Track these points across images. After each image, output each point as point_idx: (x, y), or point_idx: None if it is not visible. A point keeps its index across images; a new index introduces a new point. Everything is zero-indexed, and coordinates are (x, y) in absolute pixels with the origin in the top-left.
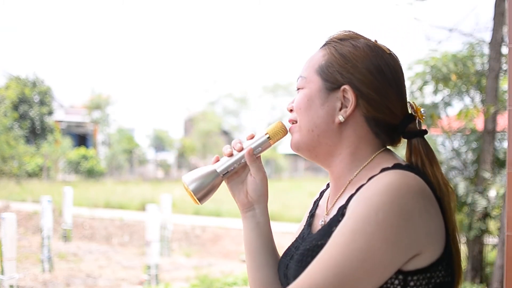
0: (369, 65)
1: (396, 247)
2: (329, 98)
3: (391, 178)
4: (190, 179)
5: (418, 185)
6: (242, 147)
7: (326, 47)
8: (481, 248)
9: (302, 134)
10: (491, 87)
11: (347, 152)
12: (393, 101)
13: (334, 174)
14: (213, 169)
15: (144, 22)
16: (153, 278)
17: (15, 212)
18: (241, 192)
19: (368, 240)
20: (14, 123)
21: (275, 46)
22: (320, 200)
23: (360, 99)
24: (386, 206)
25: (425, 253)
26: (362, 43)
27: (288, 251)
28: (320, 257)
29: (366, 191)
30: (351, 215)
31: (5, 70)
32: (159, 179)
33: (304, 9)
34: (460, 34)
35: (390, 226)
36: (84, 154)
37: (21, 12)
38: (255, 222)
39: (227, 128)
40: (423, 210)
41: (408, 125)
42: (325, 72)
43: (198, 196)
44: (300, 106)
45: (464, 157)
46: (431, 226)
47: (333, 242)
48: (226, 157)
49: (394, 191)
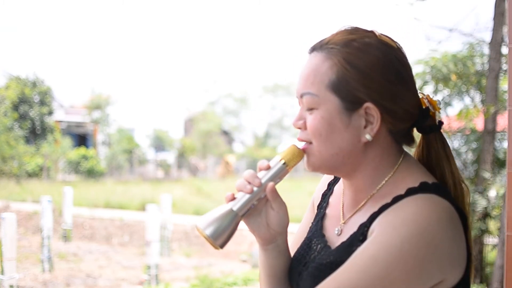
0: (385, 72)
1: (417, 278)
2: (352, 118)
3: (418, 207)
4: (205, 223)
5: (447, 214)
6: (261, 182)
7: (330, 56)
8: (481, 248)
9: (323, 158)
10: (491, 87)
11: (372, 167)
12: (410, 102)
13: (353, 187)
14: (229, 209)
15: (144, 22)
16: (153, 278)
17: (15, 212)
18: (261, 226)
19: (389, 268)
20: (14, 123)
21: (275, 46)
22: (330, 195)
23: (384, 113)
24: (413, 238)
25: (449, 278)
26: (368, 44)
27: (301, 257)
28: (336, 276)
29: (392, 218)
30: (375, 240)
31: (5, 70)
32: (159, 179)
33: (304, 9)
34: (460, 34)
35: (414, 257)
36: (84, 154)
37: (21, 12)
38: (278, 251)
39: (227, 128)
40: (451, 239)
41: (426, 121)
42: (341, 90)
43: (218, 242)
44: (319, 132)
45: (464, 157)
46: (455, 253)
47: (352, 264)
48: (242, 193)
49: (422, 223)
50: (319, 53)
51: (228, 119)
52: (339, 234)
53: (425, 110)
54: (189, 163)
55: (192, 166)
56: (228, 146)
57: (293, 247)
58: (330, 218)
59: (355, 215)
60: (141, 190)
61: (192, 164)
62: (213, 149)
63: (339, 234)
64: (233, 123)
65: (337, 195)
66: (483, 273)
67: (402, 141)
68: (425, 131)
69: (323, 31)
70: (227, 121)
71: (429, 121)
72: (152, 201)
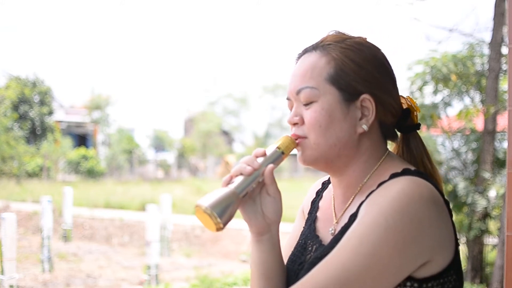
0: (378, 67)
1: (404, 254)
2: (349, 109)
3: (402, 185)
4: (209, 202)
5: (430, 193)
6: (260, 164)
7: (326, 52)
8: (481, 248)
9: (320, 150)
10: (491, 87)
11: (362, 161)
12: (396, 99)
13: (344, 182)
14: (231, 189)
15: (144, 22)
16: (153, 278)
17: (15, 212)
18: (257, 214)
19: (375, 246)
20: (14, 123)
21: (275, 46)
22: (319, 200)
23: (379, 105)
24: (396, 213)
25: (437, 259)
26: (360, 43)
27: (296, 258)
28: (326, 260)
29: (376, 197)
30: (360, 220)
31: (5, 70)
32: (159, 179)
33: (304, 9)
34: (460, 34)
35: (398, 233)
36: (84, 154)
37: (21, 12)
38: (272, 243)
39: (227, 128)
40: (434, 218)
41: (406, 121)
42: (340, 81)
43: (224, 220)
44: (320, 123)
45: (464, 157)
46: (442, 233)
47: (340, 246)
48: (241, 177)
49: (405, 198)
50: (313, 53)
51: (228, 119)
52: (334, 233)
53: (406, 110)
54: (189, 163)
55: (192, 166)
56: (228, 146)
57: (285, 252)
58: (322, 220)
59: (346, 210)
60: (141, 190)
61: (192, 164)
62: (213, 149)
63: (334, 233)
64: (233, 123)
65: (327, 199)
66: (483, 273)
67: (388, 136)
68: (405, 131)
69: (323, 31)
70: (227, 121)
71: (409, 121)
72: (152, 201)
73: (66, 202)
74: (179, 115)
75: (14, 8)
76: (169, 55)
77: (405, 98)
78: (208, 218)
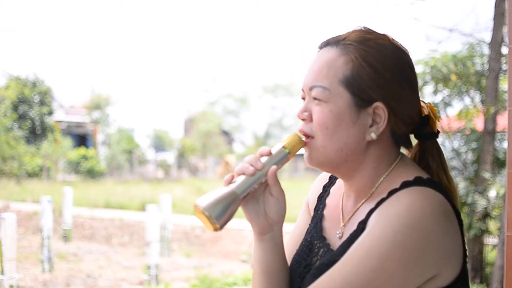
0: (397, 74)
1: (411, 269)
2: (360, 115)
3: (412, 198)
4: (206, 203)
5: (440, 207)
6: (263, 165)
7: (346, 52)
8: (481, 248)
9: (326, 153)
10: (491, 87)
11: (371, 167)
12: (414, 107)
13: (353, 187)
14: (231, 190)
15: (144, 22)
16: (153, 278)
17: (15, 212)
18: (259, 214)
19: (382, 260)
20: (14, 123)
21: (275, 46)
22: (326, 197)
23: (392, 114)
24: (405, 228)
25: (444, 274)
26: (383, 46)
27: (301, 259)
28: (332, 270)
29: (386, 209)
30: (369, 233)
31: (5, 70)
32: (159, 179)
33: (304, 9)
34: (460, 34)
35: (407, 249)
36: (84, 154)
37: (21, 12)
38: (274, 243)
39: (227, 128)
40: (443, 232)
41: (425, 128)
42: (355, 85)
43: (220, 222)
44: (326, 125)
45: (464, 157)
46: (450, 247)
47: (346, 259)
48: (243, 176)
49: (415, 214)
50: (333, 48)
51: (228, 119)
52: (341, 237)
53: (425, 118)
54: (189, 163)
55: (192, 166)
56: (228, 146)
57: (288, 248)
58: (329, 220)
59: (354, 215)
60: (141, 190)
61: (192, 164)
62: (213, 149)
63: (341, 237)
64: (233, 123)
65: (334, 196)
66: (483, 273)
67: (401, 144)
68: (423, 138)
69: (323, 31)
70: (227, 121)
71: (428, 129)
72: (152, 201)
73: (66, 202)
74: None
75: (14, 8)
76: (169, 55)
77: (426, 104)
78: (205, 218)
